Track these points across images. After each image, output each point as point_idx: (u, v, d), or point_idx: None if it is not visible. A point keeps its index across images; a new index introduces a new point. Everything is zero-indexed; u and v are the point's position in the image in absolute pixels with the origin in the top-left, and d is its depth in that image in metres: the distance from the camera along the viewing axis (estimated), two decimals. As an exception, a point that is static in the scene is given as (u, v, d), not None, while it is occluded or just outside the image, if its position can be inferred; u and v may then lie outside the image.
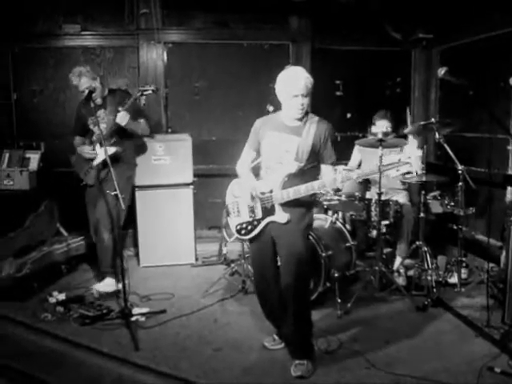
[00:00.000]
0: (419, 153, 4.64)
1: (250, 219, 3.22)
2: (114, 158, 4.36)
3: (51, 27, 5.67)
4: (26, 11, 5.55)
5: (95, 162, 4.53)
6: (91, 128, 4.56)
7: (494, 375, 3.04)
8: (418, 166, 4.68)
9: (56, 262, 4.83)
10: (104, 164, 4.38)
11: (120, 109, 4.30)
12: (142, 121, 4.56)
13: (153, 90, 4.37)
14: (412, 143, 4.81)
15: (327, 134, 3.10)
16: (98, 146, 4.51)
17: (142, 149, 5.08)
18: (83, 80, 4.39)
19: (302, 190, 3.01)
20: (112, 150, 4.37)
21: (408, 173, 4.33)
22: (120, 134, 4.47)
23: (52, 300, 4.16)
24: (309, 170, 3.13)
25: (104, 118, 4.47)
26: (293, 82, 3.00)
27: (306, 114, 3.14)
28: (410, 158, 2.85)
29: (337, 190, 3.12)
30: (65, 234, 5.43)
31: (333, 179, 2.96)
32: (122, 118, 4.30)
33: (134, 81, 5.80)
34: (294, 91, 3.00)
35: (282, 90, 3.06)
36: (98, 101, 4.52)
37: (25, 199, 5.17)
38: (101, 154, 4.45)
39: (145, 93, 4.36)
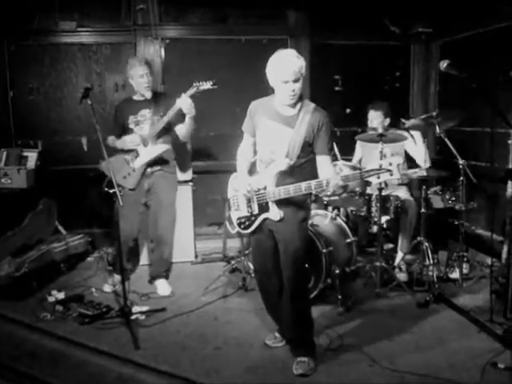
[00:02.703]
0: (423, 147, 4.62)
1: (248, 214, 3.20)
2: (162, 161, 4.30)
3: (47, 24, 5.61)
4: (21, 8, 5.50)
5: (137, 164, 4.25)
6: (131, 127, 4.30)
7: (498, 371, 3.02)
8: (423, 159, 4.64)
9: (55, 260, 4.80)
10: (151, 166, 4.29)
11: (182, 94, 4.06)
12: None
13: (212, 85, 4.08)
14: (417, 137, 4.75)
15: (321, 124, 2.98)
16: (141, 147, 4.25)
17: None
18: (143, 66, 4.22)
19: (292, 190, 2.94)
20: (162, 147, 4.23)
21: (386, 184, 4.30)
22: (166, 136, 4.31)
23: (51, 299, 4.13)
24: (304, 165, 3.06)
25: (148, 119, 4.27)
26: (282, 67, 2.88)
27: (301, 99, 3.04)
28: (391, 164, 2.77)
29: (341, 191, 3.00)
30: (63, 232, 5.41)
31: (319, 182, 2.87)
32: (185, 101, 4.03)
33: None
34: (283, 77, 2.89)
35: (271, 75, 2.96)
36: (148, 94, 4.31)
37: (23, 198, 5.14)
38: (145, 154, 4.24)
39: (201, 88, 4.08)
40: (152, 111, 4.28)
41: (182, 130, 4.29)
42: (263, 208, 3.12)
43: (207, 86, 4.09)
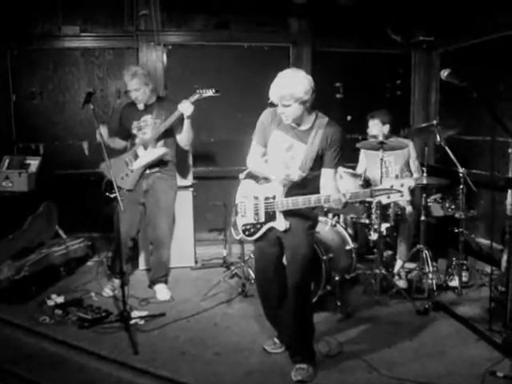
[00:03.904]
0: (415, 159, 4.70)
1: (254, 221, 3.20)
2: (161, 162, 4.31)
3: (50, 29, 5.64)
4: (25, 13, 5.53)
5: (136, 166, 4.30)
6: (134, 132, 4.37)
7: (497, 379, 3.01)
8: (417, 169, 4.72)
9: (55, 264, 4.80)
10: (149, 168, 4.31)
11: (184, 100, 4.09)
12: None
13: (214, 92, 4.13)
14: (411, 147, 4.83)
15: (334, 138, 2.98)
16: (141, 149, 4.31)
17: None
18: (134, 81, 4.20)
19: (300, 202, 2.96)
20: (161, 150, 4.26)
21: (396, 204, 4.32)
22: (167, 139, 4.33)
23: (50, 303, 4.13)
24: (314, 179, 3.08)
25: (150, 124, 4.30)
26: (271, 89, 2.89)
27: (315, 114, 3.03)
28: (402, 186, 2.76)
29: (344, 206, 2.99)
30: (63, 236, 5.41)
31: (327, 197, 2.89)
32: (187, 107, 4.06)
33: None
34: (271, 97, 2.91)
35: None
36: (141, 106, 4.32)
37: (23, 201, 5.14)
38: (144, 156, 4.29)
39: (204, 95, 4.13)
40: (154, 116, 4.31)
41: (182, 137, 4.32)
42: (270, 217, 3.12)
43: (210, 93, 4.14)
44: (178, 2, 5.71)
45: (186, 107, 4.08)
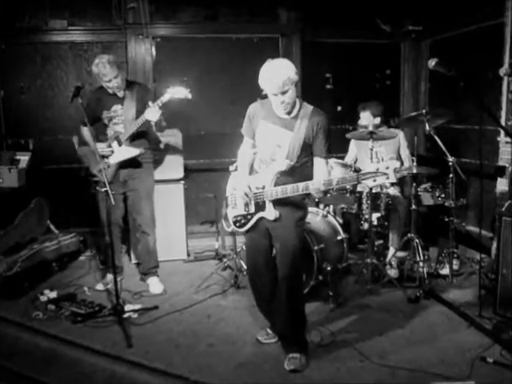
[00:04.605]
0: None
1: (245, 213, 3.23)
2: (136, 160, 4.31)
3: (38, 23, 5.59)
4: (12, 7, 5.48)
5: (112, 161, 4.23)
6: (105, 123, 4.31)
7: (487, 365, 3.06)
8: (407, 157, 4.76)
9: (47, 259, 4.79)
10: (124, 163, 4.28)
11: (150, 103, 4.00)
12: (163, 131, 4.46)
13: (185, 95, 3.97)
14: (401, 136, 4.86)
15: (320, 126, 3.03)
16: (115, 144, 4.23)
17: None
18: (113, 68, 4.08)
19: (289, 190, 2.99)
20: (136, 151, 4.20)
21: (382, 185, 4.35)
22: (142, 133, 4.30)
23: (43, 298, 4.13)
24: (303, 166, 3.12)
25: (120, 115, 4.25)
26: (270, 81, 2.90)
27: (298, 104, 3.08)
28: (387, 168, 2.80)
29: (325, 193, 3.06)
30: (55, 231, 5.40)
31: (317, 184, 2.92)
32: (154, 113, 3.96)
33: (122, 76, 5.74)
34: (271, 90, 2.93)
35: (262, 86, 2.98)
36: (121, 93, 4.25)
37: (14, 197, 5.12)
38: (119, 152, 4.22)
39: (175, 96, 3.97)
40: (124, 107, 4.24)
41: (150, 138, 4.39)
42: (259, 207, 3.14)
43: (181, 95, 3.99)
44: (166, -5, 5.69)
45: (152, 114, 3.99)
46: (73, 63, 5.74)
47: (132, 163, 4.33)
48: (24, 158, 5.39)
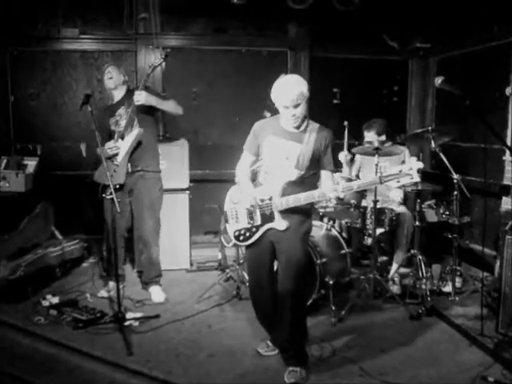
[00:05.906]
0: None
1: (249, 226, 3.22)
2: (144, 164, 4.37)
3: (50, 30, 5.67)
4: (24, 14, 5.56)
5: (120, 158, 4.30)
6: (113, 128, 4.43)
7: (488, 384, 3.05)
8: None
9: (50, 265, 4.81)
10: (131, 164, 4.34)
11: (135, 91, 4.24)
12: (170, 101, 4.47)
13: (163, 58, 4.25)
14: (406, 153, 4.86)
15: (328, 141, 3.13)
16: (119, 141, 4.34)
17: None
18: (121, 74, 4.47)
19: (302, 199, 3.01)
20: (135, 131, 4.27)
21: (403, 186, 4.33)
22: (144, 120, 4.38)
23: (45, 303, 4.14)
24: (309, 178, 3.16)
25: (123, 114, 4.37)
26: (283, 94, 3.00)
27: (305, 120, 3.16)
28: (411, 169, 2.80)
29: (338, 199, 3.11)
30: (59, 237, 5.42)
31: (333, 189, 2.94)
32: (138, 95, 4.17)
33: (131, 85, 5.80)
34: (284, 102, 3.01)
35: (274, 99, 3.08)
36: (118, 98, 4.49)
37: (20, 202, 5.16)
38: (123, 146, 4.31)
39: (156, 65, 4.27)
40: (126, 105, 4.37)
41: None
42: (267, 218, 3.14)
43: (159, 60, 4.26)
44: (177, 6, 5.74)
45: (137, 97, 4.19)
46: (83, 71, 5.81)
47: (138, 166, 4.37)
48: (31, 163, 5.44)
